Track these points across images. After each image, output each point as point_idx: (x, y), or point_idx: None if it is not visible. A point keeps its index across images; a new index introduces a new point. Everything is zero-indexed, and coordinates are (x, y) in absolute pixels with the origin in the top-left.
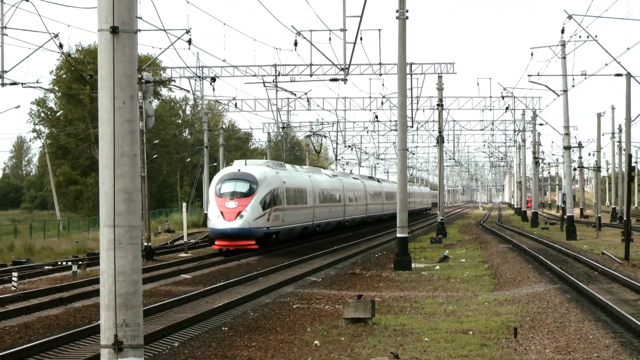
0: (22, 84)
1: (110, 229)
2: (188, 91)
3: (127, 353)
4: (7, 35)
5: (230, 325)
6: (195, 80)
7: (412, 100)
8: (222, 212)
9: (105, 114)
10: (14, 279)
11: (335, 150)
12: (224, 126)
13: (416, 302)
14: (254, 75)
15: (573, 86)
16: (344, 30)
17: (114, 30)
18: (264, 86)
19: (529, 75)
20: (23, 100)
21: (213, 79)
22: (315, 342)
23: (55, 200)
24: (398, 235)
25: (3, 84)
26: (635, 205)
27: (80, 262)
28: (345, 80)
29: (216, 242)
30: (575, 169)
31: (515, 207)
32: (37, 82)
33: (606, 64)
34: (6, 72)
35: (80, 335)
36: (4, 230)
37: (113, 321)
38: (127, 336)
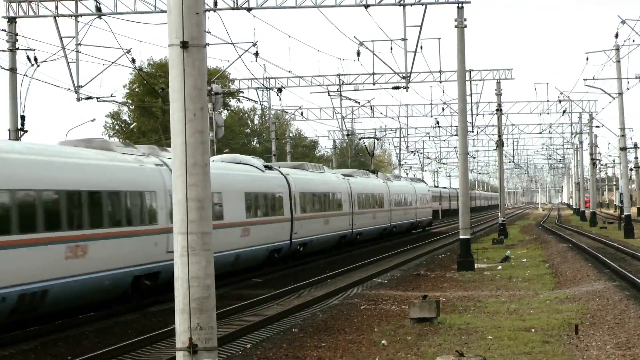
0: (97, 98)
1: (184, 236)
2: (256, 102)
3: (201, 355)
4: (81, 52)
5: (301, 327)
6: (263, 91)
7: (471, 106)
8: None
9: (177, 126)
10: None
11: (398, 155)
12: (291, 135)
13: (479, 301)
14: (319, 85)
15: (628, 89)
16: (404, 39)
17: (184, 45)
18: (329, 95)
19: (584, 79)
20: (98, 113)
21: (280, 90)
22: (383, 341)
23: None
24: (461, 236)
25: (79, 99)
26: None
27: None
28: (407, 88)
29: None
30: (631, 169)
31: (574, 207)
32: (111, 96)
33: None
34: (82, 87)
35: (157, 338)
36: None
37: (188, 325)
38: (202, 339)
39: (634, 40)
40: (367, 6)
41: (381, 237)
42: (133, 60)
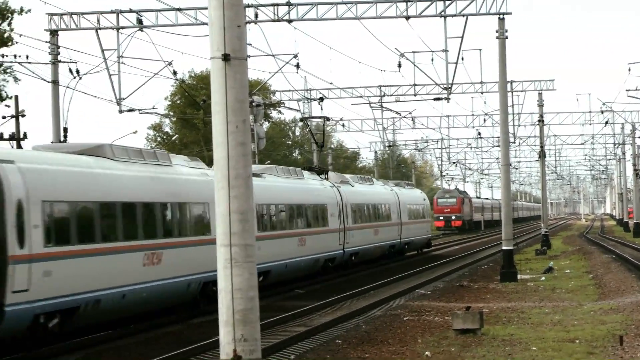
0: (138, 110)
1: (227, 248)
2: (297, 110)
3: None
4: (124, 64)
5: (344, 338)
6: (304, 102)
7: (513, 117)
8: None
9: (220, 138)
10: None
11: (440, 166)
12: (332, 146)
13: (523, 312)
14: (360, 97)
15: None
16: (446, 51)
17: (226, 58)
18: (370, 107)
19: (627, 90)
20: (140, 125)
21: (321, 99)
22: (426, 353)
23: None
24: (504, 247)
25: (121, 111)
26: None
27: None
28: (448, 99)
29: None
30: None
31: (617, 218)
32: (152, 108)
33: None
34: (123, 99)
35: (201, 350)
36: None
37: (232, 337)
38: (246, 351)
39: None
40: (407, 17)
41: (324, 272)
42: (174, 72)
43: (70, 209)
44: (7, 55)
